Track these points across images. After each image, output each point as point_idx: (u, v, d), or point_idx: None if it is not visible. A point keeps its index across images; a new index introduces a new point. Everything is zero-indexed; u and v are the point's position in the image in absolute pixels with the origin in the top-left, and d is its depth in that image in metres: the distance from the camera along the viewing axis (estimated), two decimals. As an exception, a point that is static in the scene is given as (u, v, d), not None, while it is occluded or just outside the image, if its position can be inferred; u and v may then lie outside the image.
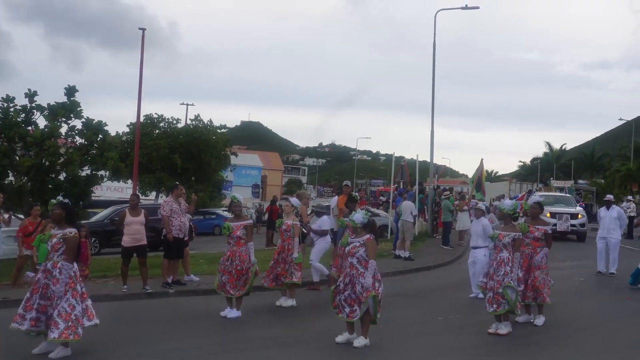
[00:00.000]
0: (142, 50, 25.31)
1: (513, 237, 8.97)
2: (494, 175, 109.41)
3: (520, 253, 9.21)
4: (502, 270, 8.83)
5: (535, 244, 9.76)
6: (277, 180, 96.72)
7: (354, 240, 8.14)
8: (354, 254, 8.02)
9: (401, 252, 17.83)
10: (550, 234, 9.87)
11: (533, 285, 9.58)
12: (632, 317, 10.88)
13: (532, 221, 9.95)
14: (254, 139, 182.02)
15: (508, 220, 9.23)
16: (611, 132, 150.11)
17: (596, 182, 64.26)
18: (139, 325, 9.60)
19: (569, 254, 20.31)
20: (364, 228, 8.15)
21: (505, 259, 8.89)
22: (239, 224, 10.17)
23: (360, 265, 7.97)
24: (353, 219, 8.17)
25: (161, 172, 32.11)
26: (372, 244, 8.09)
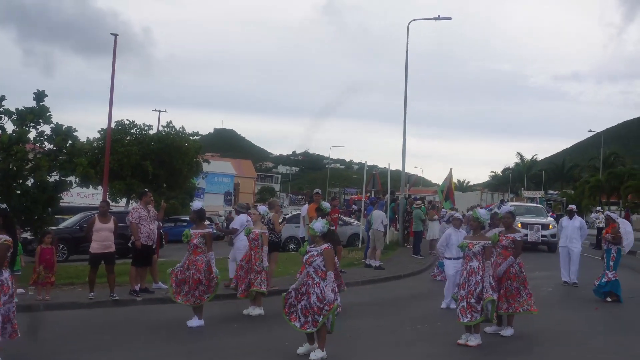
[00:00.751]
0: (114, 56, 25.05)
1: (483, 245, 8.91)
2: (466, 185, 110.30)
3: (491, 262, 9.21)
4: (473, 280, 8.76)
5: (505, 253, 9.60)
6: (250, 188, 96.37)
7: (312, 249, 7.95)
8: (310, 263, 7.83)
9: (372, 261, 17.85)
10: (519, 241, 9.74)
11: (505, 296, 9.48)
12: (599, 327, 11.00)
13: (505, 231, 9.88)
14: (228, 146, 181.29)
15: (477, 229, 9.19)
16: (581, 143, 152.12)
17: (566, 192, 65.20)
18: (105, 333, 9.45)
19: (538, 264, 20.49)
20: (323, 237, 7.95)
21: (475, 268, 8.83)
22: (197, 232, 9.99)
23: (316, 275, 7.78)
24: (312, 227, 7.98)
25: (132, 178, 31.77)
26: (330, 254, 7.87)
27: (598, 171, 62.04)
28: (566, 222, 16.12)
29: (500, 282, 9.49)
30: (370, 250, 18.18)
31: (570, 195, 60.50)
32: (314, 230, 7.92)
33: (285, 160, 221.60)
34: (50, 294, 11.62)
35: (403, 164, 26.38)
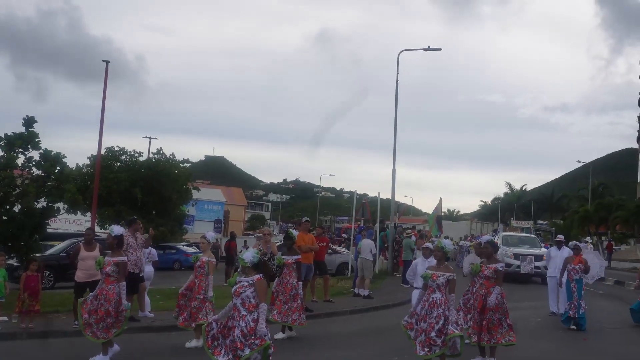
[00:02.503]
0: (105, 83, 25.16)
1: (447, 277, 8.53)
2: (456, 215, 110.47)
3: (475, 293, 9.17)
4: (435, 313, 8.35)
5: (487, 284, 9.33)
6: (240, 215, 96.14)
7: (243, 279, 7.42)
8: (239, 294, 7.29)
9: (361, 291, 17.78)
10: (501, 271, 9.45)
11: (487, 327, 9.20)
12: (586, 358, 10.96)
13: (486, 261, 9.62)
14: (218, 173, 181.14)
15: (442, 260, 8.78)
16: (570, 173, 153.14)
17: (555, 222, 65.43)
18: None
19: (527, 294, 20.46)
20: (255, 268, 7.42)
21: (438, 300, 8.42)
22: (111, 259, 9.31)
23: (242, 307, 7.23)
24: (242, 257, 7.50)
25: (121, 205, 31.66)
26: (262, 285, 7.34)
27: (587, 201, 62.32)
28: (554, 252, 16.13)
29: (483, 312, 9.23)
30: (359, 280, 18.12)
31: (559, 226, 60.72)
32: (243, 261, 7.44)
33: (275, 188, 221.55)
34: (35, 322, 11.49)
35: (393, 192, 26.44)
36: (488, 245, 9.74)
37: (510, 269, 23.84)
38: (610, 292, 21.75)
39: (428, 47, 26.37)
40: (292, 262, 11.45)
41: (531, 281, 24.34)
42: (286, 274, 11.39)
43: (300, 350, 10.87)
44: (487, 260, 9.57)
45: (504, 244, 25.53)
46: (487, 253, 9.70)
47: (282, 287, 11.29)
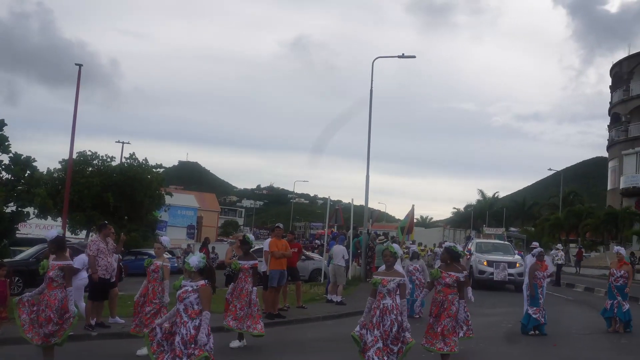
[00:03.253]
0: (78, 86, 24.96)
1: (397, 282, 8.30)
2: (429, 221, 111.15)
3: (433, 300, 9.09)
4: (388, 320, 8.11)
5: (446, 291, 9.07)
6: (213, 221, 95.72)
7: (187, 284, 7.18)
8: (183, 299, 7.06)
9: (333, 297, 17.77)
10: (463, 282, 9.28)
11: (442, 334, 8.94)
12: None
13: (445, 267, 9.37)
14: (192, 179, 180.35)
15: (392, 265, 8.57)
16: (541, 181, 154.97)
17: (527, 229, 66.04)
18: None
19: (500, 300, 20.63)
20: (200, 273, 7.18)
21: (389, 306, 8.19)
22: (55, 263, 8.84)
23: (185, 313, 7.00)
24: (187, 261, 7.24)
25: (92, 210, 31.36)
26: (207, 292, 7.10)
27: (558, 209, 63.09)
28: (529, 260, 16.29)
29: (439, 319, 9.00)
30: (331, 285, 18.11)
31: (530, 233, 61.32)
32: (189, 265, 7.18)
33: (249, 194, 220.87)
34: (2, 328, 11.30)
35: (366, 199, 26.53)
36: (445, 252, 9.59)
37: (484, 276, 24.08)
38: (580, 299, 22.00)
39: (402, 55, 26.53)
40: (248, 267, 11.29)
41: (505, 288, 24.35)
42: (242, 279, 11.20)
43: (272, 357, 10.84)
44: (447, 267, 9.33)
45: (477, 251, 25.62)
46: (444, 259, 9.55)
47: (237, 292, 11.10)
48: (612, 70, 60.15)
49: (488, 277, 24.07)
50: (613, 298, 14.38)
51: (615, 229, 49.07)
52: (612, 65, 60.15)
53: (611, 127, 59.92)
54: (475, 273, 24.40)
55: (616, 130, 57.90)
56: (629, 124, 55.57)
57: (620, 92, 57.01)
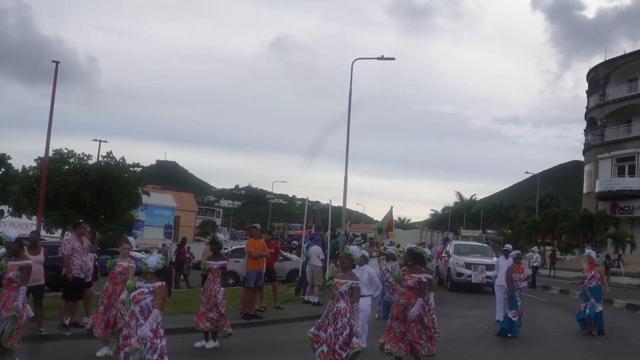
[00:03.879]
0: (55, 84, 24.68)
1: (350, 285, 8.11)
2: (407, 223, 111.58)
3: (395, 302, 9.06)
4: (340, 323, 7.90)
5: (409, 294, 8.90)
6: (191, 221, 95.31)
7: (143, 285, 6.95)
8: (138, 301, 6.83)
9: (311, 297, 17.76)
10: (425, 282, 8.98)
11: (406, 337, 8.81)
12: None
13: (409, 269, 9.25)
14: (169, 178, 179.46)
15: (348, 268, 8.42)
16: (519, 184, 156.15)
17: (503, 232, 66.52)
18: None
19: (477, 302, 20.74)
20: (158, 274, 6.97)
21: (342, 309, 7.98)
22: (15, 263, 8.71)
23: (141, 316, 6.78)
24: (146, 262, 7.00)
25: (68, 209, 31.00)
26: (162, 293, 6.83)
27: (534, 212, 63.61)
28: (502, 262, 16.38)
29: (403, 323, 8.83)
30: (309, 287, 18.10)
31: (507, 235, 61.78)
32: (146, 266, 6.97)
33: (227, 194, 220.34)
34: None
35: (344, 200, 26.49)
36: (407, 254, 9.43)
37: (462, 279, 24.05)
38: (555, 301, 22.20)
39: (382, 57, 26.52)
40: (217, 267, 11.29)
41: (483, 291, 24.26)
42: (211, 280, 11.24)
43: (248, 357, 10.80)
44: (410, 269, 9.20)
45: (456, 253, 25.60)
46: (405, 261, 9.42)
47: (207, 293, 11.12)
48: (589, 75, 60.80)
49: (466, 280, 24.03)
50: (587, 300, 14.54)
51: (591, 232, 49.55)
52: (589, 70, 60.80)
53: (587, 132, 60.57)
54: (453, 275, 24.47)
55: (592, 134, 58.55)
56: (605, 128, 56.24)
57: (597, 97, 57.68)
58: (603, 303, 14.66)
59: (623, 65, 55.52)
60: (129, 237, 11.81)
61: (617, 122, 55.79)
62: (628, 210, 51.13)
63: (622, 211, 51.35)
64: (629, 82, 55.21)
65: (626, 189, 50.90)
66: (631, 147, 52.58)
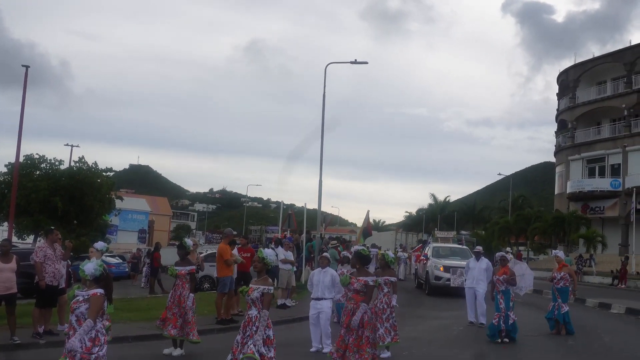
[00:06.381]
0: (25, 88, 24.42)
1: (262, 291, 7.71)
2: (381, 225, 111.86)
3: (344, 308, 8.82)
4: (248, 331, 7.58)
5: (357, 298, 8.57)
6: (165, 225, 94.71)
7: (80, 293, 6.64)
8: (73, 310, 6.53)
9: (287, 301, 17.87)
10: (371, 286, 8.71)
11: (356, 345, 8.41)
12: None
13: (357, 273, 8.87)
14: (143, 182, 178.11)
15: (262, 272, 7.99)
16: (492, 185, 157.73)
17: (477, 233, 67.03)
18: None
19: (451, 304, 20.87)
20: (96, 282, 6.63)
21: (252, 317, 7.64)
22: None
23: (78, 325, 6.43)
24: (83, 268, 6.67)
25: (40, 214, 30.66)
26: (98, 301, 6.47)
27: (507, 213, 64.27)
28: (473, 264, 16.58)
29: (350, 330, 8.47)
30: (281, 291, 18.19)
31: (481, 236, 62.24)
32: (83, 273, 6.65)
33: (202, 197, 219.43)
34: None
35: (319, 203, 26.56)
36: (354, 256, 9.09)
37: (440, 282, 23.54)
38: (528, 301, 22.42)
39: (355, 61, 26.65)
40: (185, 273, 11.22)
41: (462, 294, 23.91)
42: (179, 286, 11.14)
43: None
44: (357, 273, 8.86)
45: (434, 256, 25.03)
46: (353, 264, 9.17)
47: (176, 299, 11.02)
48: (559, 78, 61.61)
49: (445, 283, 23.37)
50: (555, 300, 14.73)
51: (563, 232, 50.25)
52: (559, 73, 61.63)
53: (558, 134, 61.38)
54: (431, 279, 23.95)
55: (563, 136, 59.33)
56: (575, 130, 57.04)
57: (567, 100, 58.48)
58: (575, 302, 14.87)
59: (592, 68, 56.40)
60: (98, 242, 11.79)
61: (587, 124, 56.64)
62: (599, 211, 51.93)
63: (593, 212, 52.13)
64: (598, 84, 56.10)
65: (597, 190, 51.69)
66: (601, 149, 53.42)
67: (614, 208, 50.55)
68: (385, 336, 10.77)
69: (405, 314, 17.33)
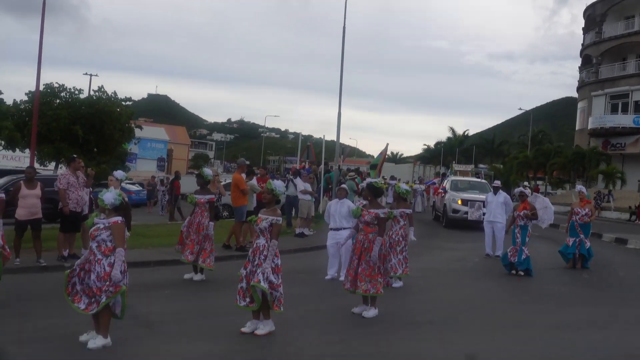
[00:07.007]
0: (43, 16, 24.18)
1: (271, 221, 7.77)
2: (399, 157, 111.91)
3: (355, 239, 9.00)
4: (257, 260, 7.66)
5: (367, 230, 8.81)
6: (184, 154, 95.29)
7: (100, 221, 6.90)
8: (94, 237, 6.81)
9: (304, 230, 18.18)
10: (383, 218, 8.84)
11: (367, 275, 8.73)
12: (519, 297, 11.43)
13: (368, 205, 9.08)
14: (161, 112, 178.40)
15: (271, 203, 8.01)
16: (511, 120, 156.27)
17: (495, 167, 66.84)
18: (32, 299, 9.32)
19: (468, 236, 21.02)
20: (115, 210, 6.91)
21: (261, 246, 7.70)
22: None
23: (98, 251, 6.75)
24: (102, 197, 6.88)
25: (61, 142, 30.89)
26: (120, 229, 6.82)
27: (526, 148, 63.84)
28: (491, 198, 16.65)
29: (360, 259, 8.80)
30: (300, 220, 18.51)
31: (499, 170, 62.10)
32: (102, 202, 6.88)
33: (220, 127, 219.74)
34: None
35: (338, 135, 26.53)
36: (366, 189, 9.23)
37: (458, 215, 23.57)
38: (545, 235, 22.51)
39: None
40: (204, 201, 11.40)
41: (480, 228, 23.87)
42: (198, 214, 11.36)
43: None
44: (369, 205, 9.07)
45: (452, 189, 25.05)
46: (365, 197, 9.24)
47: (195, 227, 11.26)
48: (586, 12, 59.95)
49: (462, 217, 23.41)
50: (576, 235, 14.77)
51: (582, 168, 49.96)
52: (586, 7, 59.91)
53: (582, 69, 60.17)
54: (448, 212, 24.01)
55: (587, 72, 58.18)
56: (600, 66, 55.86)
57: (593, 34, 57.05)
58: (591, 237, 14.95)
59: (620, 2, 54.72)
60: (116, 171, 12.00)
61: (612, 59, 55.38)
62: (619, 147, 51.36)
63: (614, 148, 51.59)
64: (626, 19, 54.55)
65: (618, 126, 50.99)
66: (625, 85, 52.39)
67: (636, 145, 49.94)
68: (397, 267, 10.95)
69: (422, 245, 17.51)
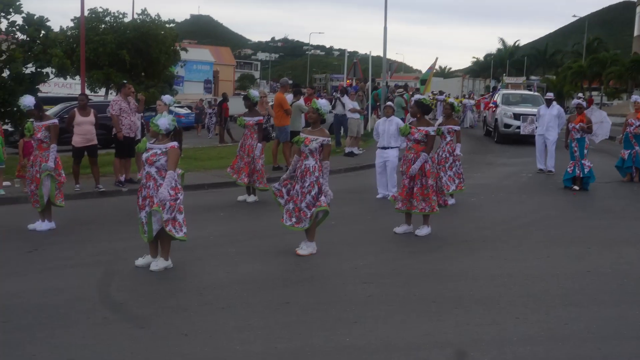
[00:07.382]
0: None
1: (321, 142, 7.64)
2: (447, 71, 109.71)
3: (404, 158, 8.87)
4: (308, 181, 7.57)
5: (417, 148, 8.66)
6: (230, 75, 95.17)
7: (155, 147, 6.95)
8: (152, 162, 6.88)
9: (354, 149, 18.14)
10: (432, 136, 8.71)
11: (422, 194, 8.65)
12: (574, 213, 11.30)
13: (416, 122, 8.88)
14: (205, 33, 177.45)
15: (317, 123, 7.85)
16: (565, 28, 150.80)
17: (548, 78, 65.11)
18: (93, 223, 9.66)
19: (520, 151, 20.72)
20: (168, 135, 6.97)
21: (310, 167, 7.60)
22: (41, 124, 9.10)
23: (159, 176, 6.85)
24: (156, 122, 6.91)
25: (109, 68, 31.14)
26: (175, 154, 6.90)
27: (581, 57, 61.78)
28: (544, 111, 16.10)
29: (414, 179, 8.68)
30: (349, 139, 18.44)
31: (552, 81, 60.52)
32: (157, 127, 6.90)
33: (264, 47, 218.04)
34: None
35: (384, 50, 26.01)
36: (415, 106, 8.97)
37: (510, 130, 23.03)
38: (601, 148, 22.06)
39: None
40: (253, 123, 11.37)
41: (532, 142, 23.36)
42: (247, 136, 11.38)
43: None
44: (418, 122, 8.87)
45: (504, 103, 24.48)
46: (414, 114, 9.01)
47: (246, 149, 11.30)
48: None
49: (514, 131, 22.81)
50: (631, 147, 14.30)
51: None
52: None
53: (641, -31, 57.27)
54: (500, 127, 23.46)
55: (646, -29, 55.39)
56: (661, -35, 53.04)
57: None
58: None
59: None
60: (164, 96, 12.10)
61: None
62: (680, 52, 49.30)
63: (674, 53, 49.54)
64: None
65: (680, 30, 48.81)
66: (688, -15, 49.81)
67: (697, 49, 47.90)
68: (449, 184, 10.88)
69: (474, 161, 17.38)
